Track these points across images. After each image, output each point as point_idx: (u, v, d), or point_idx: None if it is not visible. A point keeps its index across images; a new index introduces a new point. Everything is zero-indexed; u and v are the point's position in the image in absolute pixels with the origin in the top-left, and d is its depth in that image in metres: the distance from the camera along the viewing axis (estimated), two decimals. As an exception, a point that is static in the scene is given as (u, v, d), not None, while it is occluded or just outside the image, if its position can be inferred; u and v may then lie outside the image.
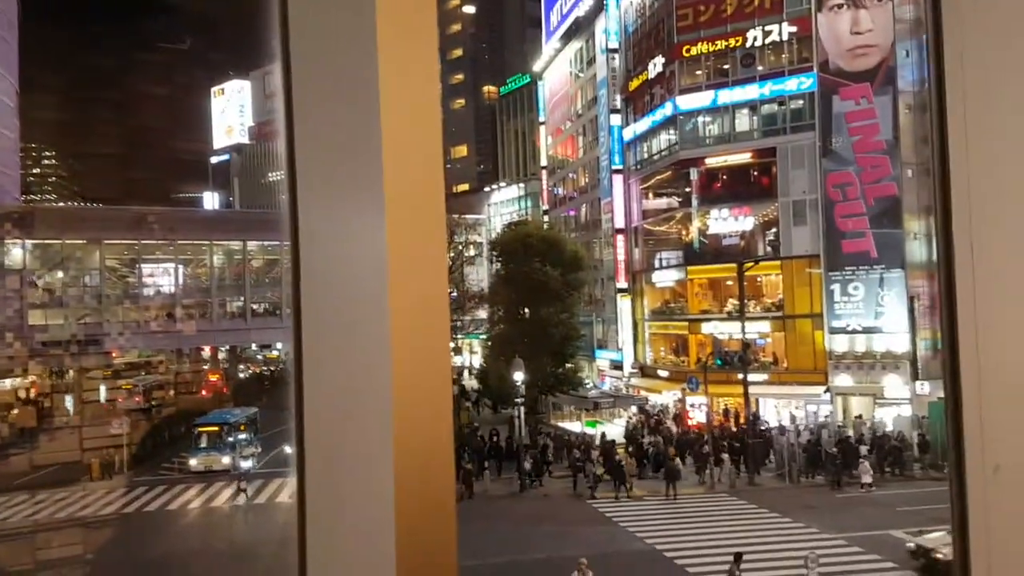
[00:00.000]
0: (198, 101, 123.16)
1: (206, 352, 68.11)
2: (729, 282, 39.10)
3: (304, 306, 1.13)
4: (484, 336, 45.20)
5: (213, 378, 60.00)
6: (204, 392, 55.63)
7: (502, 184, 74.96)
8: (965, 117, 1.13)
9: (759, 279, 40.02)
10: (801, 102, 37.69)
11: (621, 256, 47.51)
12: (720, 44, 40.00)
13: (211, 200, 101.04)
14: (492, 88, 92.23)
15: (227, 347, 63.39)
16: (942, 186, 1.14)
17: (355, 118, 1.11)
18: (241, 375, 59.89)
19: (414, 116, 1.11)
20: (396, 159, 1.09)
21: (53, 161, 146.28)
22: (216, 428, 35.90)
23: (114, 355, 52.22)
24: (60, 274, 47.59)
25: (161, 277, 51.56)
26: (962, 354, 1.13)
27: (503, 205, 71.05)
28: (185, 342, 58.84)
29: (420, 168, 1.11)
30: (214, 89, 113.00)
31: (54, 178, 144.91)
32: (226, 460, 34.82)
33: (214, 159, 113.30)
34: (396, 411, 1.06)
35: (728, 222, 40.00)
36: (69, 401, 51.29)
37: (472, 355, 54.36)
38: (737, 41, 39.27)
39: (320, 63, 1.14)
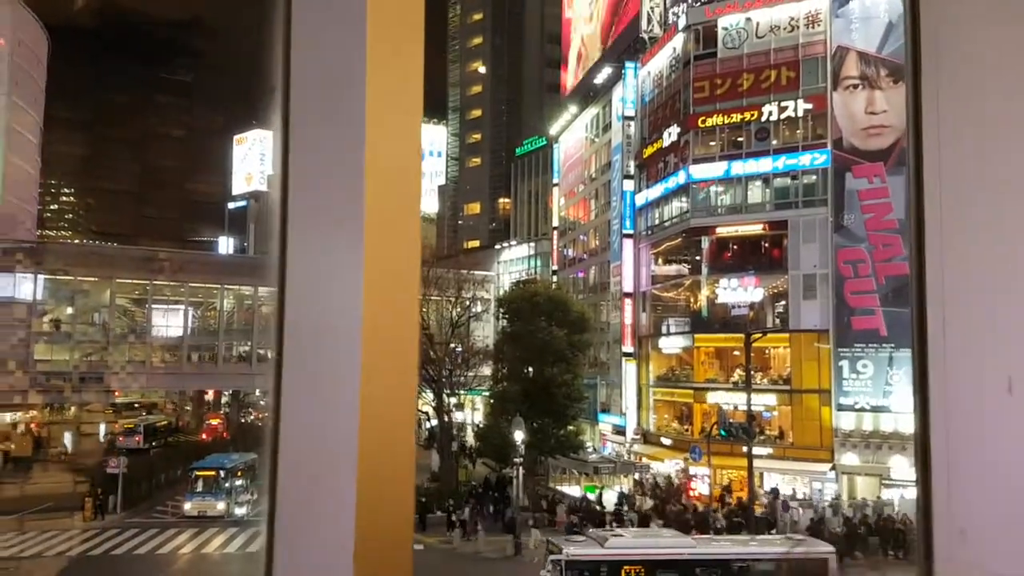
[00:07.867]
0: (219, 146, 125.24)
1: (209, 395, 67.92)
2: (736, 352, 38.88)
3: (286, 354, 1.14)
4: (487, 393, 44.85)
5: (214, 422, 59.62)
6: (204, 436, 55.21)
7: (513, 242, 75.36)
8: (940, 201, 1.23)
9: (767, 351, 39.80)
10: (814, 177, 38.03)
11: (628, 320, 47.43)
12: (735, 117, 40.56)
13: (226, 245, 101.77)
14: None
15: (230, 391, 63.17)
16: (918, 262, 1.23)
17: (343, 179, 1.15)
18: (243, 420, 59.43)
19: (395, 181, 1.14)
20: (377, 217, 1.11)
21: (71, 198, 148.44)
22: (213, 473, 35.51)
23: (117, 394, 52.08)
24: (69, 309, 47.69)
25: (170, 318, 51.63)
26: (933, 425, 1.22)
27: (513, 263, 71.35)
28: (189, 384, 58.79)
29: (398, 228, 1.15)
30: (236, 137, 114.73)
31: (71, 215, 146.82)
32: (221, 506, 34.43)
33: (232, 204, 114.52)
34: (361, 461, 1.04)
35: (737, 292, 39.94)
36: (68, 437, 51.00)
37: (474, 412, 53.89)
38: (752, 115, 39.82)
39: (315, 122, 1.22)
